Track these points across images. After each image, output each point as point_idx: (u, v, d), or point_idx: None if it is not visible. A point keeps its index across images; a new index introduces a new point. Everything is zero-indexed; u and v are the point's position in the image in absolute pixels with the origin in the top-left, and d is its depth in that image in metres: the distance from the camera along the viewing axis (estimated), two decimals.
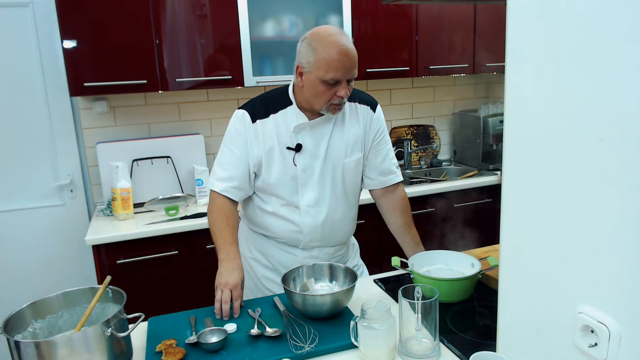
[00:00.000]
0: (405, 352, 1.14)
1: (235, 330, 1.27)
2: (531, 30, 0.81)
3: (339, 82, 1.40)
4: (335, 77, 1.38)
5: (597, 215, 0.73)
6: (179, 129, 2.79)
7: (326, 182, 1.54)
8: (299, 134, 1.50)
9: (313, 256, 1.61)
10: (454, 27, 2.91)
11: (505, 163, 0.91)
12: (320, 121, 1.51)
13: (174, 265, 2.33)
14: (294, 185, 1.53)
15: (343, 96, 1.42)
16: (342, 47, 1.37)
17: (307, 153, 1.51)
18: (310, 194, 1.54)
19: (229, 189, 1.52)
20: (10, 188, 2.60)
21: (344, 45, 1.37)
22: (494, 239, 1.09)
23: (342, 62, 1.37)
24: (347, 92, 1.42)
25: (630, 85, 0.66)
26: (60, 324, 1.22)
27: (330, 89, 1.41)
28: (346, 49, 1.38)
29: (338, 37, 1.38)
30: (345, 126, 1.55)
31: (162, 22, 2.35)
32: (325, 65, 1.37)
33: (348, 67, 1.39)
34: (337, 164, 1.55)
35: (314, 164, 1.52)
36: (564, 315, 0.81)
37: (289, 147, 1.50)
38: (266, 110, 1.51)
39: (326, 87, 1.40)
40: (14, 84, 2.52)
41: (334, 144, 1.54)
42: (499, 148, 3.06)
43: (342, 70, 1.38)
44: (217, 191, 1.53)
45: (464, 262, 1.50)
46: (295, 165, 1.51)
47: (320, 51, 1.37)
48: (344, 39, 1.39)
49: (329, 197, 1.56)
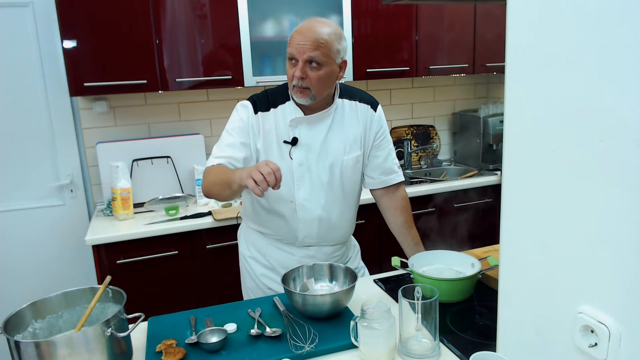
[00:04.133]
0: (405, 352, 1.14)
1: (235, 330, 1.27)
2: (531, 30, 0.81)
3: (294, 59, 1.43)
4: (290, 51, 1.44)
5: (597, 215, 0.73)
6: (179, 129, 2.79)
7: (322, 178, 1.55)
8: (295, 128, 1.52)
9: (310, 255, 1.61)
10: (454, 27, 2.91)
11: (505, 163, 0.91)
12: (318, 117, 1.53)
13: (174, 265, 2.33)
14: (290, 179, 1.53)
15: (296, 76, 1.43)
16: (305, 26, 1.43)
17: (303, 147, 1.53)
18: (306, 188, 1.54)
19: (226, 162, 1.48)
20: (10, 188, 2.60)
21: (307, 25, 1.43)
22: (494, 239, 1.09)
23: (297, 39, 1.42)
24: (299, 72, 1.42)
25: (630, 85, 0.66)
26: (60, 324, 1.22)
27: (292, 68, 1.45)
28: (307, 28, 1.42)
29: (311, 21, 1.45)
30: (345, 124, 1.56)
31: (162, 22, 2.35)
32: (289, 41, 1.45)
33: (302, 45, 1.41)
34: (335, 160, 1.55)
35: (310, 158, 1.54)
36: (564, 315, 0.81)
37: (285, 140, 1.52)
38: (267, 104, 1.54)
39: (290, 66, 1.46)
40: (14, 84, 2.52)
41: (332, 140, 1.55)
42: (499, 148, 3.06)
43: (295, 46, 1.42)
44: (213, 164, 1.48)
45: (464, 262, 1.50)
46: (291, 159, 1.52)
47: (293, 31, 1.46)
48: (315, 23, 1.43)
49: (325, 193, 1.56)
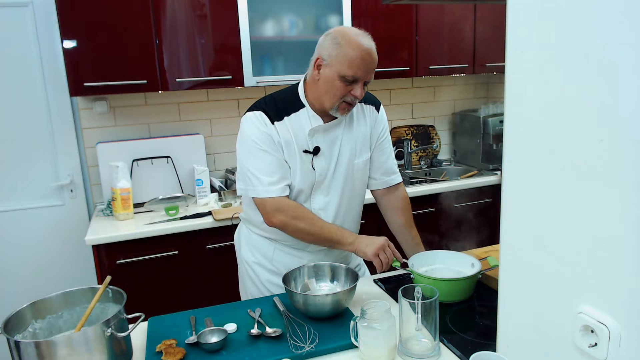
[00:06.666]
0: (405, 352, 1.14)
1: (235, 330, 1.27)
2: (531, 30, 0.81)
3: (356, 81, 1.41)
4: (355, 75, 1.40)
5: (597, 215, 0.73)
6: (179, 129, 2.79)
7: (337, 185, 1.55)
8: (313, 137, 1.49)
9: (319, 258, 1.61)
10: (454, 27, 2.91)
11: (505, 163, 0.91)
12: (334, 124, 1.51)
13: (174, 265, 2.33)
14: (310, 189, 1.53)
15: (358, 96, 1.42)
16: (367, 47, 1.40)
17: (323, 156, 1.51)
18: (322, 197, 1.54)
19: (286, 188, 1.47)
20: (10, 188, 2.60)
21: (369, 46, 1.41)
22: (494, 239, 1.09)
23: (365, 61, 1.39)
24: (362, 92, 1.43)
25: (630, 85, 0.66)
26: (60, 324, 1.22)
27: (346, 86, 1.41)
28: (371, 49, 1.41)
29: (364, 37, 1.42)
30: (354, 127, 1.56)
31: (162, 22, 2.35)
32: (348, 61, 1.38)
33: (369, 68, 1.41)
34: (348, 165, 1.55)
35: (329, 166, 1.52)
36: (564, 315, 0.81)
37: (306, 150, 1.49)
38: (278, 113, 1.48)
39: (342, 83, 1.41)
40: (14, 84, 2.52)
41: (345, 146, 1.54)
42: (499, 148, 3.06)
43: (363, 69, 1.40)
44: (276, 196, 1.45)
45: (464, 262, 1.50)
46: (313, 169, 1.50)
47: (345, 46, 1.39)
48: (370, 42, 1.42)
49: (338, 200, 1.56)
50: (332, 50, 1.40)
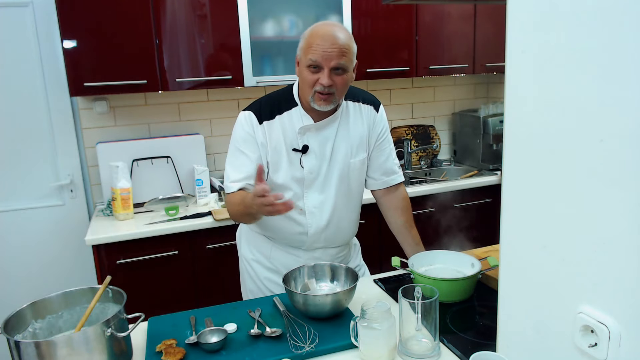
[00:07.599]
0: (405, 352, 1.14)
1: (235, 330, 1.27)
2: (531, 30, 0.81)
3: (320, 68, 1.39)
4: (313, 59, 1.38)
5: (597, 215, 0.73)
6: (179, 129, 2.79)
7: (332, 184, 1.54)
8: (304, 135, 1.50)
9: (316, 257, 1.61)
10: (454, 27, 2.91)
11: (505, 163, 0.91)
12: (326, 123, 1.51)
13: (174, 265, 2.33)
14: (300, 187, 1.53)
15: (324, 84, 1.39)
16: (326, 33, 1.38)
17: (313, 155, 1.51)
18: (316, 196, 1.54)
19: (247, 186, 1.49)
20: (10, 188, 2.60)
21: (329, 32, 1.39)
22: (494, 239, 1.09)
23: (322, 46, 1.37)
24: (328, 80, 1.39)
25: (630, 85, 0.66)
26: (60, 324, 1.22)
27: (313, 74, 1.40)
28: (331, 35, 1.38)
29: (328, 26, 1.41)
30: (350, 127, 1.55)
31: (162, 22, 2.35)
32: (308, 48, 1.40)
33: (329, 53, 1.37)
34: (343, 165, 1.55)
35: (321, 165, 1.52)
36: (564, 315, 0.81)
37: (295, 148, 1.50)
38: (271, 112, 1.50)
39: (309, 72, 1.41)
40: (14, 84, 2.52)
41: (340, 145, 1.54)
42: (499, 148, 3.06)
43: (321, 53, 1.37)
44: (234, 191, 1.49)
45: (464, 262, 1.50)
46: (302, 167, 1.51)
47: (307, 36, 1.42)
48: (334, 28, 1.40)
49: (333, 199, 1.56)
50: (301, 44, 1.44)
